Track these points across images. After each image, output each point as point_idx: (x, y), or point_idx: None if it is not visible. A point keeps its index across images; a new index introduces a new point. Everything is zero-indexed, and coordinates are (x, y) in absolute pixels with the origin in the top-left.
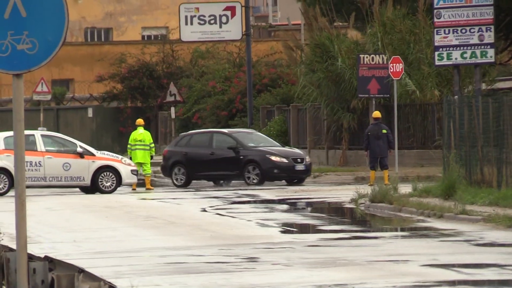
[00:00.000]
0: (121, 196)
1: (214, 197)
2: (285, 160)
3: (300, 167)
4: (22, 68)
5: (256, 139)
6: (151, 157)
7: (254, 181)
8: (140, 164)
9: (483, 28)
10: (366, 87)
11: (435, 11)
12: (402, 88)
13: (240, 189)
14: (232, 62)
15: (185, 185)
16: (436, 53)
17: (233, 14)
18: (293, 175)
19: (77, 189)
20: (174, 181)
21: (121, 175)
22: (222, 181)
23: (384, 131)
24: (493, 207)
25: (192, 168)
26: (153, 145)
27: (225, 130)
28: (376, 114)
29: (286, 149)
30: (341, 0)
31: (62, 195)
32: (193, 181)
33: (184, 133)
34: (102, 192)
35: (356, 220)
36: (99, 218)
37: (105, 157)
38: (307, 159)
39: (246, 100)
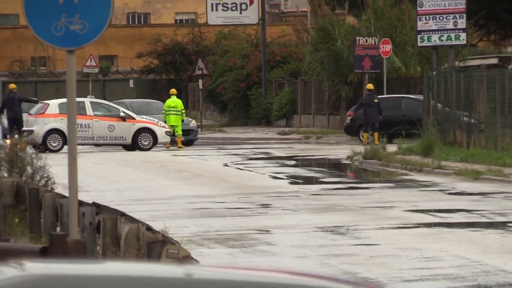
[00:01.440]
0: (157, 153)
1: (234, 154)
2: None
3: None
4: (74, 45)
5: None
6: (182, 121)
7: None
8: (173, 127)
9: (457, 15)
10: (361, 63)
11: (418, 1)
12: (390, 65)
13: (256, 148)
14: (250, 42)
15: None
16: (419, 36)
17: (251, 2)
18: None
19: (120, 147)
20: (361, 137)
21: (156, 135)
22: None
23: (376, 100)
24: (463, 163)
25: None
26: (184, 111)
27: (413, 96)
28: (370, 86)
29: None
30: None
31: (107, 152)
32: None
33: None
34: (141, 149)
35: (354, 173)
36: (138, 171)
37: (143, 120)
38: None
39: (262, 74)
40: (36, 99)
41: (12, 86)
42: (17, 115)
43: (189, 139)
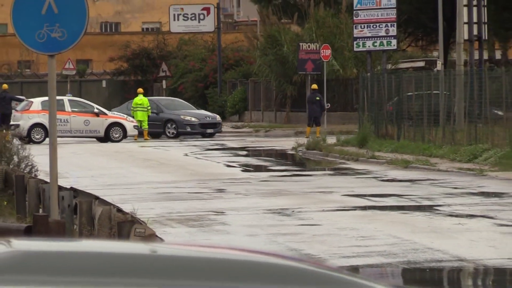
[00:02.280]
0: (126, 144)
1: (193, 145)
2: None
3: None
4: (54, 51)
5: None
6: (148, 117)
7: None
8: (140, 121)
9: (389, 24)
10: (304, 66)
11: (354, 11)
12: (329, 67)
13: (213, 140)
14: (207, 47)
15: None
16: (355, 42)
17: (208, 13)
18: None
19: (94, 139)
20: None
21: (126, 129)
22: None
23: (318, 98)
24: (394, 154)
25: None
26: (149, 107)
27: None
28: (314, 86)
29: None
30: (286, 3)
31: (83, 144)
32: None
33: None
34: (113, 141)
35: (296, 162)
36: (110, 160)
37: (114, 116)
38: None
39: (217, 75)
40: (23, 97)
41: (5, 86)
42: (7, 111)
43: (216, 131)
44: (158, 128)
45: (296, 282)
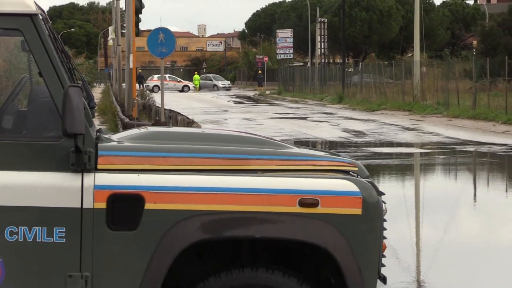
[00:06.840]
0: (190, 93)
1: (215, 94)
2: None
3: None
4: (163, 56)
5: None
6: (199, 83)
7: None
8: (195, 85)
9: (289, 49)
10: (258, 65)
11: (277, 43)
12: (268, 64)
13: (221, 91)
14: (221, 57)
15: None
16: (277, 55)
17: (221, 43)
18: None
19: (177, 91)
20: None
21: (189, 87)
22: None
23: (262, 76)
24: (292, 98)
25: None
26: (199, 79)
27: None
28: (260, 72)
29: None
30: (251, 40)
31: (173, 93)
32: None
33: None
34: (184, 92)
35: (254, 100)
36: (183, 99)
37: (185, 82)
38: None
39: (224, 67)
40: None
41: (140, 70)
42: (142, 80)
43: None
44: None
45: (259, 143)
